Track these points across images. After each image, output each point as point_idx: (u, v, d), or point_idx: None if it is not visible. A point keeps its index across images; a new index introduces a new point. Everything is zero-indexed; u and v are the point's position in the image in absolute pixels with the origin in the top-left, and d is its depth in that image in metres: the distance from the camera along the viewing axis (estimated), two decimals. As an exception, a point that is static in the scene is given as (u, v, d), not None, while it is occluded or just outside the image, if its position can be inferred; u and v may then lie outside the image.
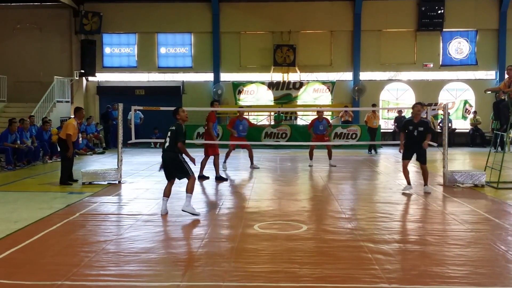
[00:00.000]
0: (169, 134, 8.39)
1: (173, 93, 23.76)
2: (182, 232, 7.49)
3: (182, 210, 8.12)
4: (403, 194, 10.25)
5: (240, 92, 23.67)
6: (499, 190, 10.59)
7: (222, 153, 12.87)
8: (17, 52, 23.62)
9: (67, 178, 11.61)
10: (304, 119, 23.58)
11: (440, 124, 11.56)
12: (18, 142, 15.06)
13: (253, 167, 14.35)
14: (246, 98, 23.78)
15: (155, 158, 16.79)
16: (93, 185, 11.31)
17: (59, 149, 12.96)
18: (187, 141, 8.45)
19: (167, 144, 8.34)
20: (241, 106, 23.46)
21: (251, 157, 14.42)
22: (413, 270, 5.60)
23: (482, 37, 23.60)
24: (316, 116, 14.95)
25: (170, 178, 8.47)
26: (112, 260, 5.91)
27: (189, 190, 8.21)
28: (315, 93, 23.57)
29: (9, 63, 23.08)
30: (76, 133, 11.82)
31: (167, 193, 8.45)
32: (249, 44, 24.00)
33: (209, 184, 11.79)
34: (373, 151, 19.24)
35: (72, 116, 12.02)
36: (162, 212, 8.36)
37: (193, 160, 8.41)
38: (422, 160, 10.30)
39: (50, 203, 9.32)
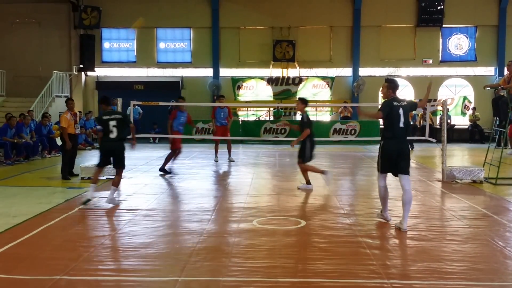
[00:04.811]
0: (114, 123, 8.39)
1: (172, 88, 23.70)
2: (181, 227, 7.50)
3: (106, 202, 8.54)
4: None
5: (239, 87, 23.70)
6: (497, 186, 10.61)
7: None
8: (16, 46, 23.56)
9: (67, 172, 11.62)
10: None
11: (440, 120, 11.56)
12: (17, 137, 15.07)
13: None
14: (245, 94, 23.81)
15: (154, 153, 16.80)
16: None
17: (59, 144, 12.92)
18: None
19: (115, 134, 8.44)
20: (240, 101, 23.57)
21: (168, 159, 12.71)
22: (411, 265, 5.62)
23: (482, 33, 23.57)
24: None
25: (106, 165, 8.84)
26: (110, 255, 5.92)
27: (116, 184, 8.66)
28: (314, 89, 23.59)
29: (8, 57, 23.03)
30: (72, 124, 11.69)
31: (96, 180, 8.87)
32: (248, 40, 23.97)
33: (208, 180, 11.80)
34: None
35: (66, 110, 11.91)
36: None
37: (134, 144, 9.03)
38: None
39: (49, 197, 9.33)
